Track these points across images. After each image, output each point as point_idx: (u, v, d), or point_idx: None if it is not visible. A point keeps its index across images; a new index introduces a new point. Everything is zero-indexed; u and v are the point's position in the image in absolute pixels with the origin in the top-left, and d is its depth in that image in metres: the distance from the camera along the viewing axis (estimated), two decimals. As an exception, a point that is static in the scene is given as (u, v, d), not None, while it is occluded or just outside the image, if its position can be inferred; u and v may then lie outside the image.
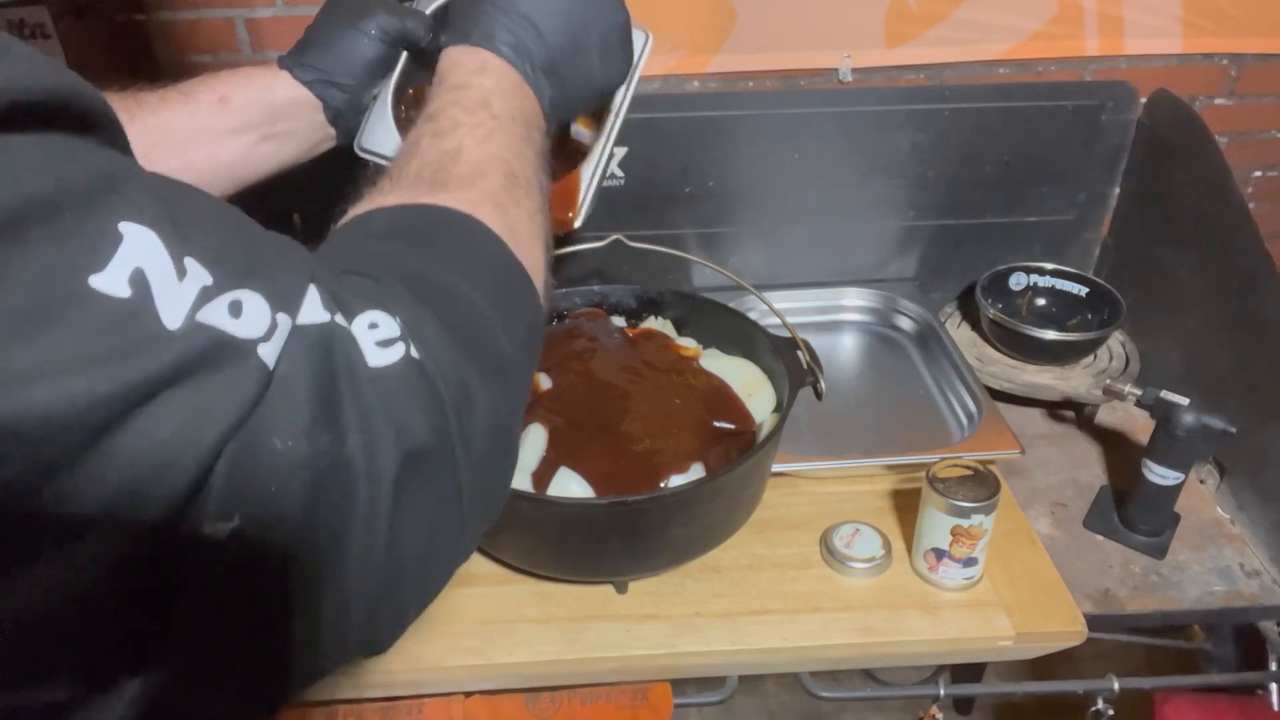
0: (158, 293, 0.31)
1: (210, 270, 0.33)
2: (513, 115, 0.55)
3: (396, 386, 0.38)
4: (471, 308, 0.43)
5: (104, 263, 0.29)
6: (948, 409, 1.11)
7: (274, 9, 1.13)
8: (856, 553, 0.89)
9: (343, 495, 0.36)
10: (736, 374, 0.96)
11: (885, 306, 1.27)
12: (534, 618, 0.85)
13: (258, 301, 0.34)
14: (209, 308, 0.32)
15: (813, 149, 1.20)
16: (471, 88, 0.55)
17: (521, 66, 0.58)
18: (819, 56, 1.19)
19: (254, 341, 0.33)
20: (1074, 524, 0.99)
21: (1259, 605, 0.91)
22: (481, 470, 0.42)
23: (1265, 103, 1.28)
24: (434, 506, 0.40)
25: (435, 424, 0.39)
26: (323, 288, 0.38)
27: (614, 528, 0.80)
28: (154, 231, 0.31)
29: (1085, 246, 1.31)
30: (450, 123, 0.53)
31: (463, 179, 0.49)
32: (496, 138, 0.53)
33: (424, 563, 0.40)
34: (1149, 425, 0.95)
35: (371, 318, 0.38)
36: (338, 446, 0.36)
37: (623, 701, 0.86)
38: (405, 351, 0.38)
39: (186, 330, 0.31)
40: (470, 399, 0.41)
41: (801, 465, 0.97)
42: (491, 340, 0.43)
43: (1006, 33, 1.19)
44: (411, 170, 0.50)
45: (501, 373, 0.43)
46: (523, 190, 0.52)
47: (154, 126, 0.69)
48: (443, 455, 0.39)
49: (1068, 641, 0.85)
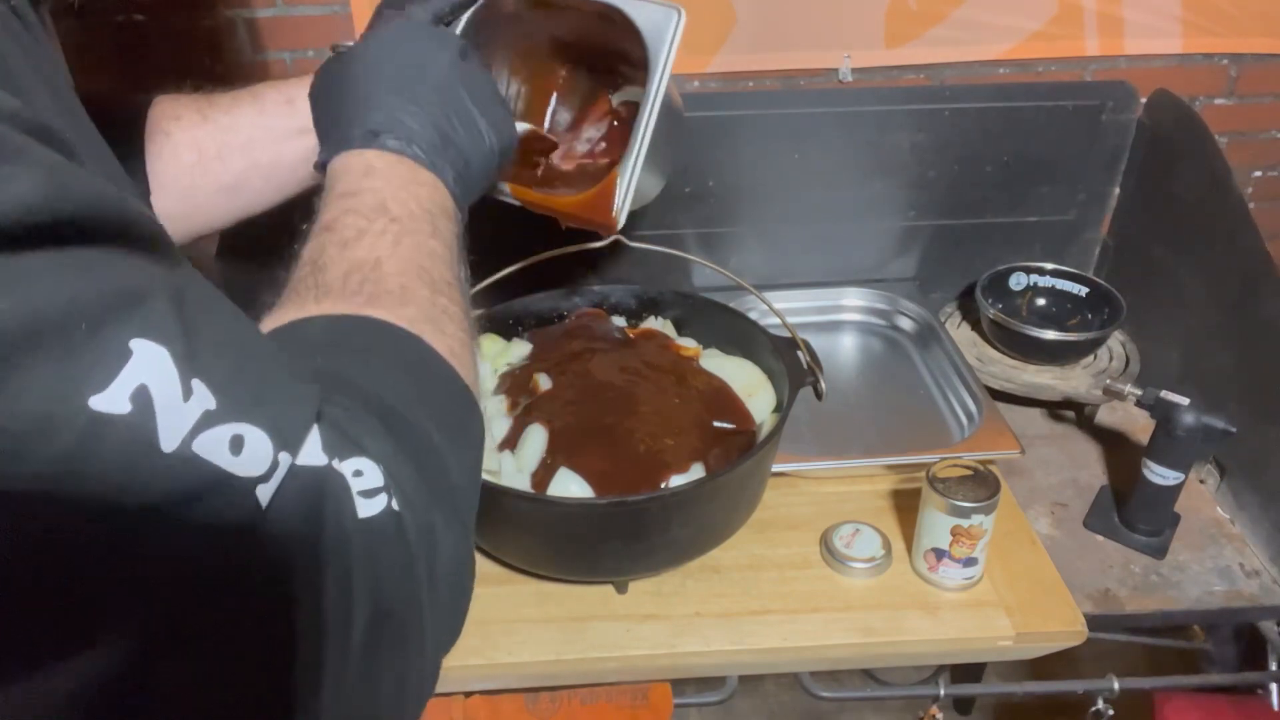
0: (160, 411, 0.30)
1: (216, 394, 0.32)
2: (413, 213, 0.53)
3: (377, 540, 0.37)
4: (429, 443, 0.42)
5: (108, 381, 0.29)
6: (948, 409, 1.11)
7: (274, 9, 1.13)
8: (856, 553, 0.89)
9: (313, 646, 0.35)
10: (736, 374, 0.96)
11: (885, 306, 1.27)
12: (534, 618, 0.85)
13: (260, 439, 0.33)
14: (209, 435, 0.31)
15: (813, 149, 1.20)
16: (364, 193, 0.53)
17: (410, 153, 0.56)
18: (819, 56, 1.19)
19: (253, 480, 0.33)
20: (1074, 524, 0.99)
21: (1259, 605, 0.91)
22: (443, 611, 0.41)
23: (1265, 103, 1.28)
24: (400, 660, 0.39)
25: (407, 582, 0.38)
26: (324, 428, 0.37)
27: (614, 528, 0.80)
28: (165, 349, 0.31)
29: (1085, 246, 1.31)
30: (354, 231, 0.50)
31: (391, 295, 0.47)
32: (405, 242, 0.51)
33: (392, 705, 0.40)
34: (1149, 425, 0.95)
35: (358, 464, 0.37)
36: (314, 601, 0.35)
37: (623, 701, 0.86)
38: (387, 504, 0.37)
39: (182, 456, 0.30)
40: (436, 546, 0.40)
41: (801, 465, 0.97)
42: (447, 477, 0.42)
43: (1006, 33, 1.19)
44: (335, 279, 0.48)
45: (458, 510, 0.43)
46: (446, 298, 0.50)
47: (225, 126, 0.70)
48: (411, 611, 0.39)
49: (1068, 641, 0.85)
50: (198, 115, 0.70)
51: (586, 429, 0.86)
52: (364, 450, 0.38)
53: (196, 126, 0.70)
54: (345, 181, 0.54)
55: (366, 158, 0.55)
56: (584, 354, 0.95)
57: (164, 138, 0.69)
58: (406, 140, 0.56)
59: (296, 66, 1.16)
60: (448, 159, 0.58)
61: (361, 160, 0.55)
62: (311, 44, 1.15)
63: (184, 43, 1.13)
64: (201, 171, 0.70)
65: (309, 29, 1.14)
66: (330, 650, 0.35)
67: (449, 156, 0.58)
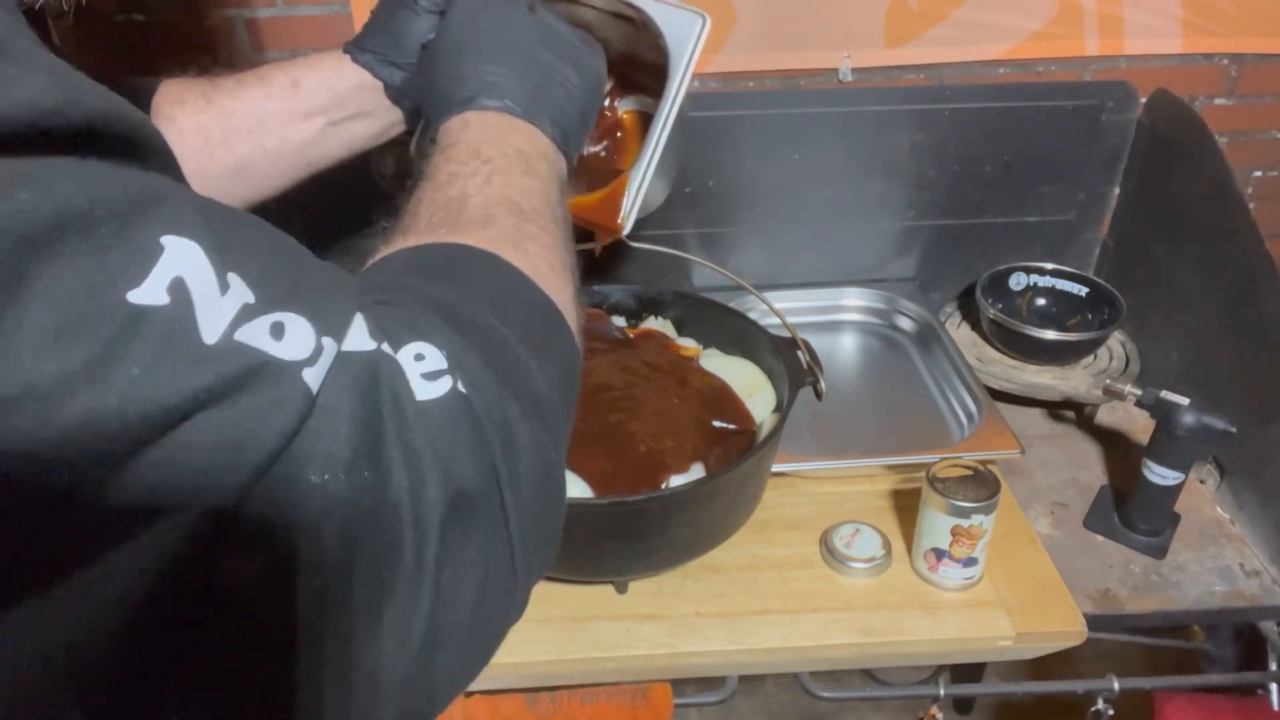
0: (198, 302, 0.29)
1: (253, 288, 0.31)
2: (506, 154, 0.55)
3: (444, 422, 0.36)
4: (506, 345, 0.41)
5: (143, 276, 0.28)
6: (948, 409, 1.11)
7: (274, 9, 1.13)
8: (856, 553, 0.89)
9: (384, 540, 0.33)
10: (736, 374, 0.96)
11: (885, 306, 1.27)
12: (534, 618, 0.85)
13: (301, 324, 0.32)
14: (250, 326, 0.31)
15: (813, 149, 1.20)
16: (460, 144, 0.56)
17: (501, 105, 0.59)
18: (819, 56, 1.19)
19: (298, 364, 0.32)
20: (1074, 524, 0.99)
21: (1259, 605, 0.91)
22: (530, 516, 0.39)
23: (1265, 103, 1.27)
24: (484, 558, 0.37)
25: (483, 464, 0.37)
26: (369, 316, 0.36)
27: (614, 528, 0.80)
28: (197, 244, 0.30)
29: (1085, 246, 1.31)
30: (446, 176, 0.53)
31: (474, 221, 0.49)
32: (496, 180, 0.53)
33: (473, 624, 0.37)
34: (1149, 425, 0.95)
35: (418, 348, 0.37)
36: (381, 485, 0.33)
37: (623, 701, 0.86)
38: (452, 385, 0.36)
39: (225, 348, 0.30)
40: (515, 439, 0.38)
41: (801, 465, 0.97)
42: (528, 378, 0.41)
43: (1006, 33, 1.19)
44: (421, 220, 0.50)
45: (542, 412, 0.41)
46: (535, 225, 0.51)
47: (230, 109, 0.70)
48: (491, 499, 0.37)
49: (1068, 641, 0.85)
50: (202, 99, 0.70)
51: (587, 429, 0.86)
52: (425, 335, 0.37)
53: (201, 111, 0.70)
54: (444, 138, 0.58)
55: (464, 117, 0.59)
56: (584, 354, 0.95)
57: (168, 123, 0.69)
58: (497, 95, 0.59)
59: (297, 61, 1.17)
60: (541, 106, 0.60)
61: (459, 120, 0.59)
62: (311, 44, 1.15)
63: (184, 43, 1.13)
64: (208, 156, 0.70)
65: (309, 29, 1.14)
66: (406, 536, 0.34)
67: (542, 104, 0.61)
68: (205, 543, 0.30)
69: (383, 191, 1.17)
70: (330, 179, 0.75)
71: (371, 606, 0.33)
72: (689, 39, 0.70)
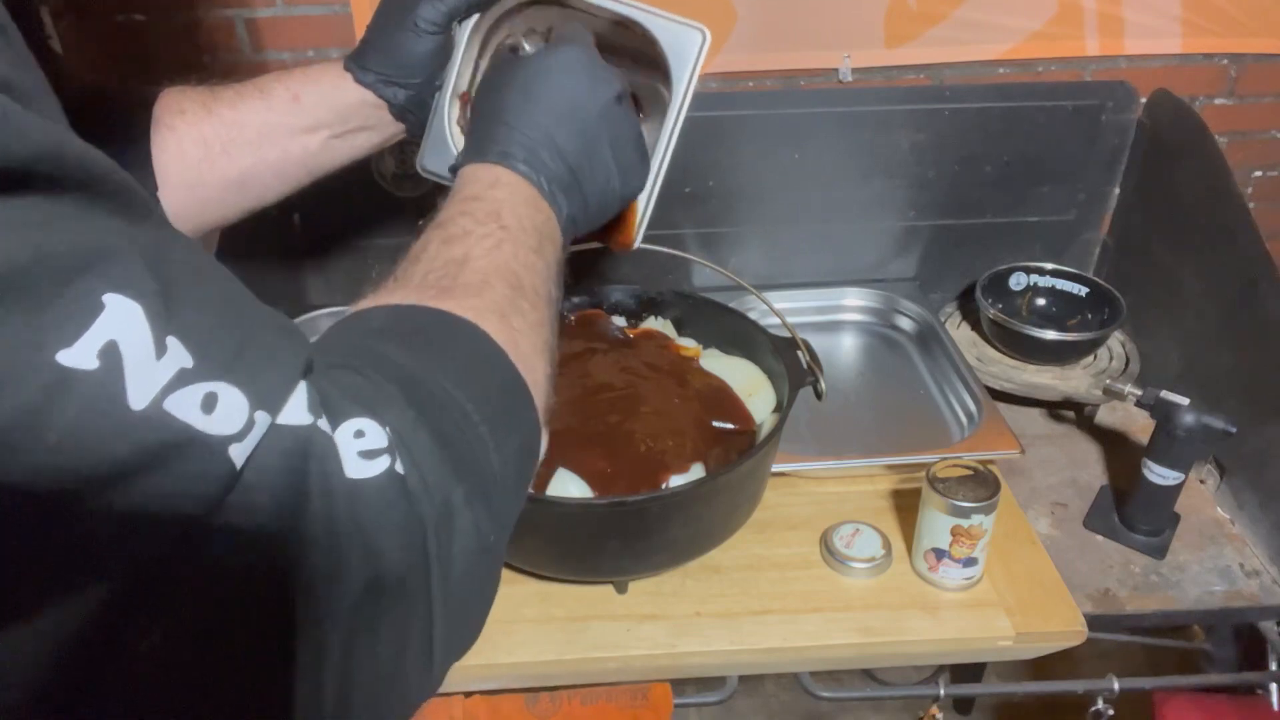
0: (130, 367, 0.29)
1: (193, 352, 0.31)
2: (524, 227, 0.54)
3: (374, 503, 0.35)
4: (465, 419, 0.41)
5: (76, 336, 0.28)
6: (948, 409, 1.11)
7: (274, 9, 1.13)
8: (856, 553, 0.89)
9: (295, 616, 0.33)
10: (736, 374, 0.96)
11: (885, 306, 1.27)
12: (534, 618, 0.85)
13: (236, 396, 0.32)
14: (182, 394, 0.30)
15: (813, 149, 1.20)
16: (484, 200, 0.55)
17: (537, 181, 0.57)
18: (819, 56, 1.19)
19: (225, 439, 0.31)
20: (1074, 524, 0.99)
21: (1259, 605, 0.91)
22: (457, 601, 0.39)
23: (1265, 103, 1.27)
24: (400, 640, 0.37)
25: (412, 547, 0.36)
26: (313, 385, 0.36)
27: (614, 528, 0.80)
28: (139, 305, 0.30)
29: (1085, 246, 1.31)
30: (459, 230, 0.52)
31: (468, 287, 0.48)
32: (505, 248, 0.52)
33: (381, 702, 0.37)
34: (1149, 425, 0.95)
35: (359, 425, 0.36)
36: (296, 563, 0.33)
37: (623, 701, 0.86)
38: (389, 465, 0.36)
39: (151, 417, 0.30)
40: (453, 521, 0.38)
41: (801, 465, 0.97)
42: (482, 457, 0.41)
43: (1006, 33, 1.19)
44: (417, 273, 0.49)
45: (488, 493, 0.41)
46: (528, 302, 0.50)
47: (230, 120, 0.69)
48: (416, 582, 0.37)
49: (1068, 641, 0.85)
50: (202, 109, 0.70)
51: (586, 429, 0.86)
52: (370, 411, 0.37)
53: (202, 121, 0.69)
54: (470, 188, 0.56)
55: (496, 172, 0.57)
56: (584, 354, 0.95)
57: (169, 132, 0.69)
58: (536, 170, 0.58)
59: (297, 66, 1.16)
60: (570, 197, 0.59)
61: (491, 173, 0.57)
62: (311, 44, 1.15)
63: (184, 43, 1.13)
64: (208, 166, 0.70)
65: (309, 29, 1.14)
66: (316, 613, 0.34)
67: (571, 195, 0.60)
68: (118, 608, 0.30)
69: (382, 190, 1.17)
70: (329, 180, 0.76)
71: (276, 682, 0.34)
72: (689, 55, 0.69)
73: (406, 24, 0.68)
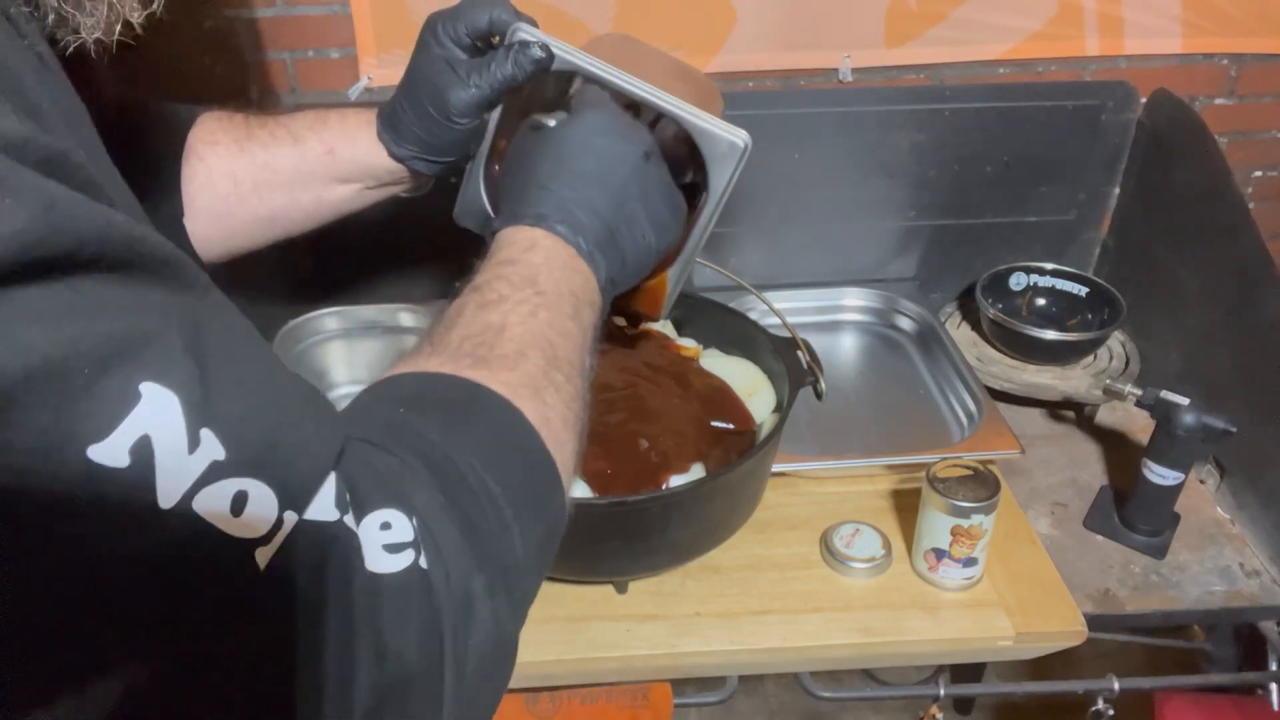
0: (160, 465, 0.29)
1: (226, 445, 0.31)
2: (560, 291, 0.54)
3: (394, 600, 0.35)
4: (492, 504, 0.41)
5: (109, 430, 0.28)
6: (948, 409, 1.11)
7: (274, 9, 1.13)
8: (856, 553, 0.89)
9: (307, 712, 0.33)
10: (736, 374, 0.96)
11: (885, 306, 1.27)
12: (534, 618, 0.83)
13: (266, 495, 0.32)
14: (211, 490, 0.30)
15: (813, 149, 1.20)
16: (520, 264, 0.54)
17: (574, 241, 0.57)
18: (819, 56, 1.19)
19: (251, 542, 0.31)
20: (1074, 524, 0.99)
21: (1259, 605, 0.91)
22: (470, 692, 0.39)
23: (1265, 103, 1.27)
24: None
25: (429, 643, 0.36)
26: (342, 476, 0.36)
27: (614, 528, 0.80)
28: (176, 396, 0.30)
29: (1085, 246, 1.31)
30: (495, 295, 0.52)
31: (504, 359, 0.48)
32: (541, 315, 0.52)
33: None
34: (1149, 425, 0.95)
35: (386, 516, 0.36)
36: (313, 661, 0.33)
37: (623, 701, 0.86)
38: (413, 560, 0.36)
39: (178, 516, 0.29)
40: (473, 614, 0.38)
41: (801, 465, 0.97)
42: (505, 543, 0.41)
43: (1006, 33, 1.19)
44: (454, 339, 0.49)
45: (510, 581, 0.41)
46: (563, 374, 0.50)
47: (262, 163, 0.70)
48: (430, 677, 0.37)
49: (1068, 641, 0.85)
50: (235, 146, 0.70)
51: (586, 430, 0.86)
52: (400, 502, 0.37)
53: (234, 157, 0.70)
54: (507, 251, 0.56)
55: (533, 235, 0.57)
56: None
57: (199, 162, 0.69)
58: (573, 229, 0.57)
59: (297, 67, 1.16)
60: (607, 256, 0.59)
61: (528, 236, 0.57)
62: (311, 44, 1.15)
63: (184, 43, 1.13)
64: (237, 201, 0.70)
65: (309, 29, 1.14)
66: (329, 709, 0.34)
67: (608, 254, 0.59)
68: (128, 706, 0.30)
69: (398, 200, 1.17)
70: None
71: None
72: (729, 162, 0.68)
73: (440, 116, 0.67)
